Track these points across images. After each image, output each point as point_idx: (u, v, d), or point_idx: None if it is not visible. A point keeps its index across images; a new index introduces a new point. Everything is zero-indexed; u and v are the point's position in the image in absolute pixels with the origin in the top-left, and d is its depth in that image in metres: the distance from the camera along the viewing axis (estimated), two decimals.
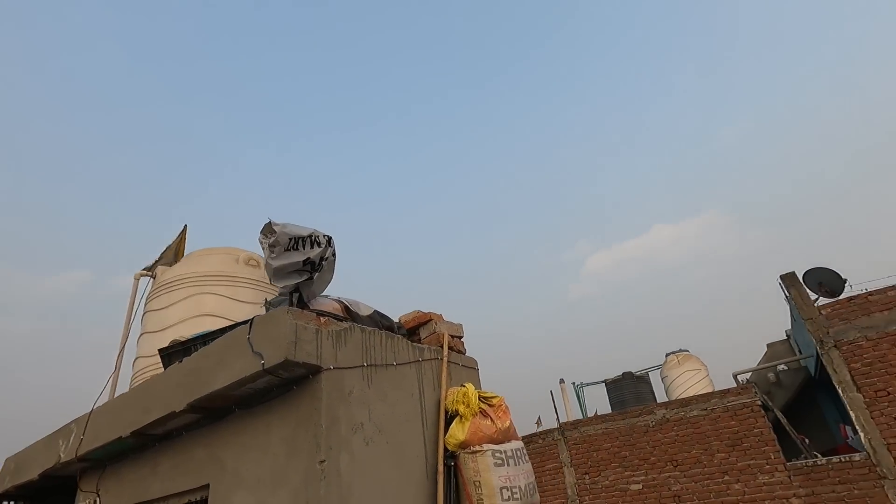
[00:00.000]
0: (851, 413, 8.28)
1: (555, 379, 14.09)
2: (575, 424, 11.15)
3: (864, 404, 8.17)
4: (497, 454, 2.51)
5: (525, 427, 12.14)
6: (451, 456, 2.58)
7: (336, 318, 2.55)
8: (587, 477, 10.55)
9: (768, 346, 13.29)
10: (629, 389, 12.18)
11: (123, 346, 3.74)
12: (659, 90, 56.43)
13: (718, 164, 55.93)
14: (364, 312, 2.76)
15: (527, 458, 2.66)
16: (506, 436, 2.64)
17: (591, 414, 12.58)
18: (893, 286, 8.54)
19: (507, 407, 2.78)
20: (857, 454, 8.16)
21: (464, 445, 2.55)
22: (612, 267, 56.84)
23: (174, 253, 5.23)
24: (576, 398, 13.25)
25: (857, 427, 8.16)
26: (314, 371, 2.22)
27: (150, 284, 4.11)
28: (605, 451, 10.52)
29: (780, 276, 9.87)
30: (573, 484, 10.66)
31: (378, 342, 2.59)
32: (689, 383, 12.19)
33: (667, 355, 13.05)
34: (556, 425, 11.27)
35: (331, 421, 2.15)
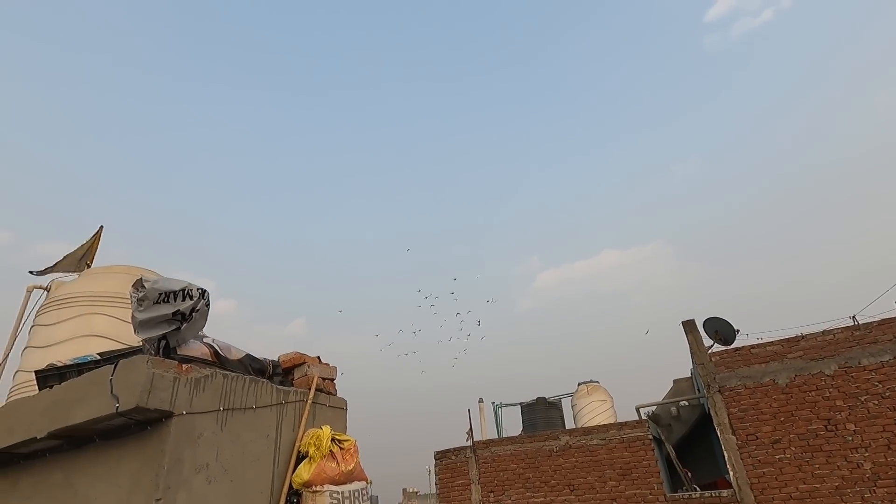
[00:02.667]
0: (725, 453, 9.20)
1: (483, 392, 14.61)
2: (487, 444, 11.67)
3: (736, 446, 9.10)
4: (335, 494, 2.85)
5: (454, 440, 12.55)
6: (294, 494, 2.89)
7: (204, 363, 2.82)
8: (492, 495, 11.07)
9: (674, 381, 14.36)
10: (541, 414, 12.86)
11: (5, 358, 3.81)
12: (621, 127, 59.18)
13: (667, 197, 59.22)
14: (234, 356, 3.04)
15: (365, 498, 3.02)
16: (349, 478, 2.98)
17: (505, 435, 13.18)
18: (772, 342, 9.57)
19: (356, 450, 3.12)
20: (726, 490, 9.07)
21: (307, 485, 2.88)
22: (559, 285, 58.85)
23: (83, 255, 5.25)
24: (493, 417, 13.84)
25: (728, 466, 9.09)
26: (166, 416, 2.48)
27: (42, 297, 4.18)
28: (511, 471, 11.08)
29: (682, 322, 10.80)
30: (479, 501, 11.15)
31: (240, 387, 2.88)
32: (595, 412, 13.02)
33: (578, 384, 13.87)
34: (469, 443, 11.75)
35: (173, 461, 2.42)
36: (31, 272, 5.02)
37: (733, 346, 10.53)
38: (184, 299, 2.68)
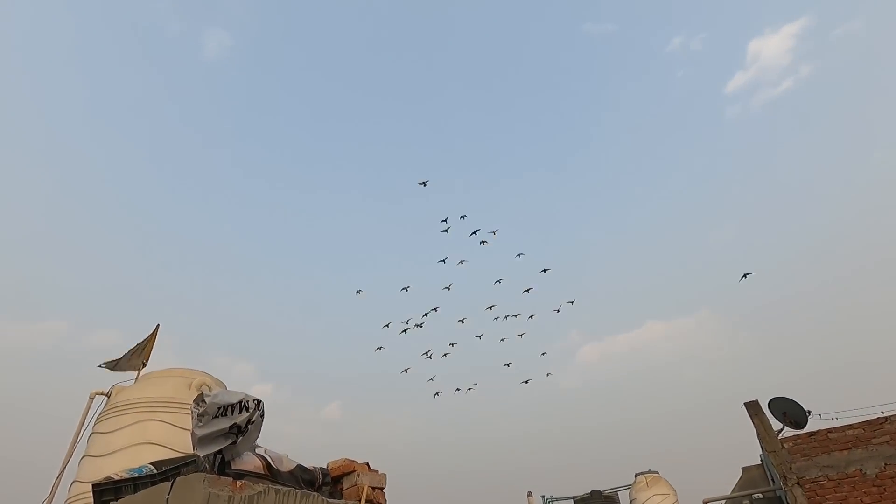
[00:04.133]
0: None
1: (529, 482, 13.56)
2: None
3: None
4: None
5: None
6: None
7: (257, 476, 2.78)
8: None
9: (743, 469, 13.01)
10: None
11: (64, 468, 3.88)
12: (654, 192, 59.50)
13: (709, 265, 57.48)
14: (286, 468, 2.99)
15: None
16: None
17: None
18: (851, 425, 8.66)
19: None
20: None
21: None
22: (603, 360, 56.25)
23: (139, 354, 5.47)
24: None
25: None
26: None
27: (104, 403, 4.33)
28: None
29: (745, 404, 9.99)
30: None
31: (292, 502, 2.80)
32: None
33: (636, 475, 12.71)
34: None
35: None
36: (100, 366, 5.24)
37: (806, 429, 9.58)
38: (240, 411, 2.72)
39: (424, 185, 27.24)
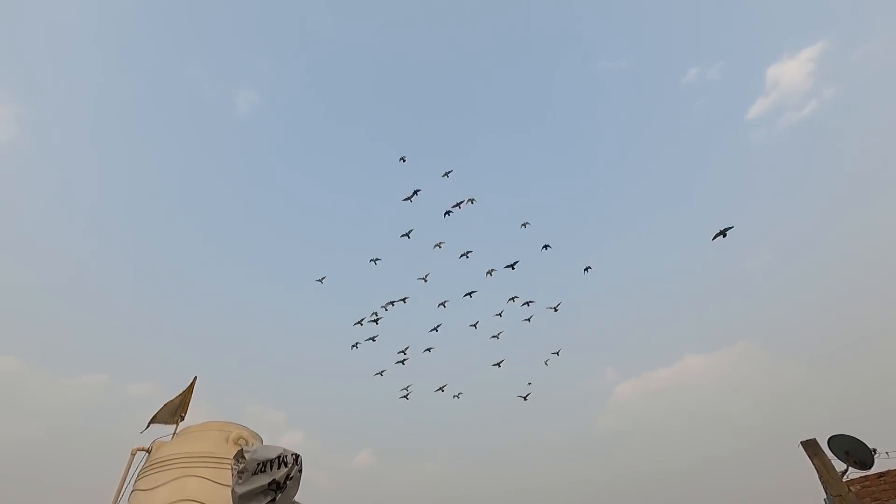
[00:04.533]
0: None
1: None
2: None
3: None
4: None
5: None
6: None
7: None
8: None
9: None
10: None
11: None
12: (683, 221, 58.41)
13: (748, 294, 55.24)
14: None
15: None
16: None
17: None
18: None
19: None
20: None
21: None
22: (642, 397, 53.78)
23: (177, 408, 5.55)
24: None
25: None
26: None
27: (144, 459, 4.36)
28: None
29: (802, 443, 9.32)
30: None
31: None
32: None
33: None
34: None
35: None
36: (141, 432, 5.33)
37: (873, 470, 8.81)
38: (279, 467, 2.70)
39: (403, 161, 28.40)
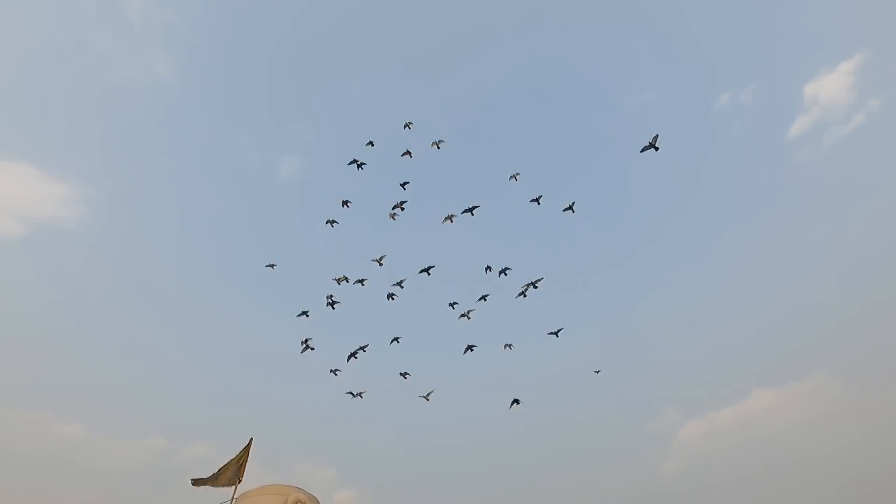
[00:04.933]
0: None
1: None
2: None
3: None
4: None
5: None
6: None
7: None
8: None
9: None
10: None
11: None
12: (732, 250, 55.88)
13: (814, 320, 51.24)
14: None
15: None
16: None
17: None
18: None
19: None
20: None
21: None
22: (708, 438, 49.68)
23: (235, 470, 5.41)
24: None
25: None
26: None
27: None
28: None
29: None
30: None
31: None
32: None
33: None
34: None
35: None
36: (192, 481, 5.21)
37: None
38: None
39: (404, 187, 28.57)
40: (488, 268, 29.34)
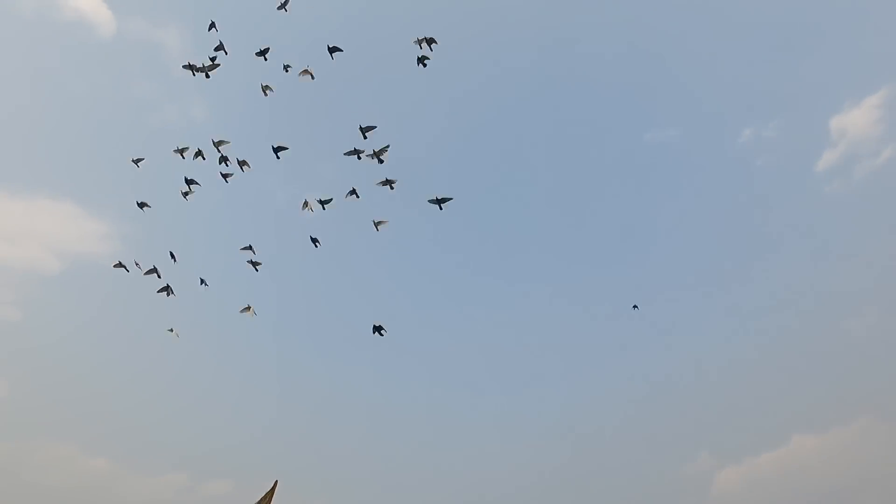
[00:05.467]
0: None
1: None
2: None
3: None
4: None
5: None
6: None
7: None
8: None
9: None
10: None
11: None
12: (763, 286, 53.99)
13: (855, 360, 48.52)
14: None
15: None
16: None
17: None
18: None
19: None
20: None
21: None
22: (747, 485, 46.63)
23: None
24: None
25: None
26: None
27: None
28: None
29: None
30: None
31: None
32: None
33: None
34: None
35: None
36: None
37: None
38: None
39: (381, 333, 22.83)
40: None
